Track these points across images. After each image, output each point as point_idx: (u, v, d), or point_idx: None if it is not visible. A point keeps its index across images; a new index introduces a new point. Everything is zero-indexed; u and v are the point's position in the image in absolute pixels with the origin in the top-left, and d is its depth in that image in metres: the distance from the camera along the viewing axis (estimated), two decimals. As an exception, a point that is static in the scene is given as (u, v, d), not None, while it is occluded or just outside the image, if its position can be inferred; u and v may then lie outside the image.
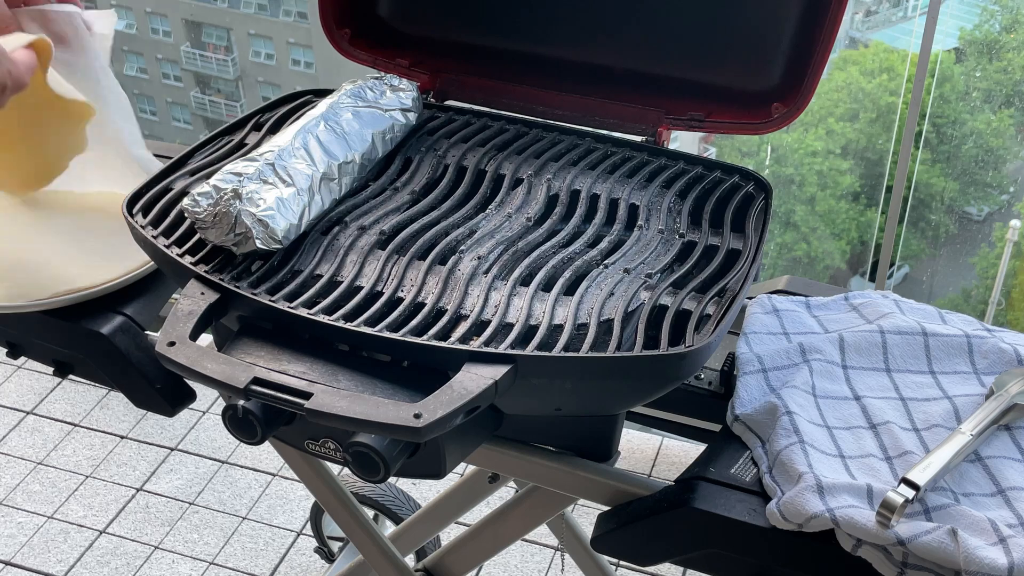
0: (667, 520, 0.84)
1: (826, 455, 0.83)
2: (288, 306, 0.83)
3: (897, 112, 5.02)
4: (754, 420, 0.87)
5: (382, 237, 0.93)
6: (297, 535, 1.97)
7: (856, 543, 0.76)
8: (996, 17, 5.37)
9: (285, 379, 0.77)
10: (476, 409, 0.75)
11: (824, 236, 5.52)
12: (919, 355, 0.93)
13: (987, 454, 0.83)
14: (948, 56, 5.04)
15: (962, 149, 5.11)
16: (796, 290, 1.06)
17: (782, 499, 0.79)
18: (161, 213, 0.94)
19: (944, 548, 0.72)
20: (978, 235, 5.33)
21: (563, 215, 0.97)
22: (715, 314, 0.83)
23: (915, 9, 5.76)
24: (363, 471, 0.79)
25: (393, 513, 1.64)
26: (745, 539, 0.81)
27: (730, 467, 0.85)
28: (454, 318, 0.84)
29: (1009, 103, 5.09)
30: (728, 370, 0.95)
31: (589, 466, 0.91)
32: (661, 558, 0.89)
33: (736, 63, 1.06)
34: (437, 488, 1.99)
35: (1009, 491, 0.79)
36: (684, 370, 0.80)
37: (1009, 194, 5.32)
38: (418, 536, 1.39)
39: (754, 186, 0.99)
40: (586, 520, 1.83)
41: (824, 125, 5.47)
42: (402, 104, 1.07)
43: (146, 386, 1.02)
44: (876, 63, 5.50)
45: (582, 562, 1.41)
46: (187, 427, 2.24)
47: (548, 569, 1.88)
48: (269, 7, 6.33)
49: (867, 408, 0.88)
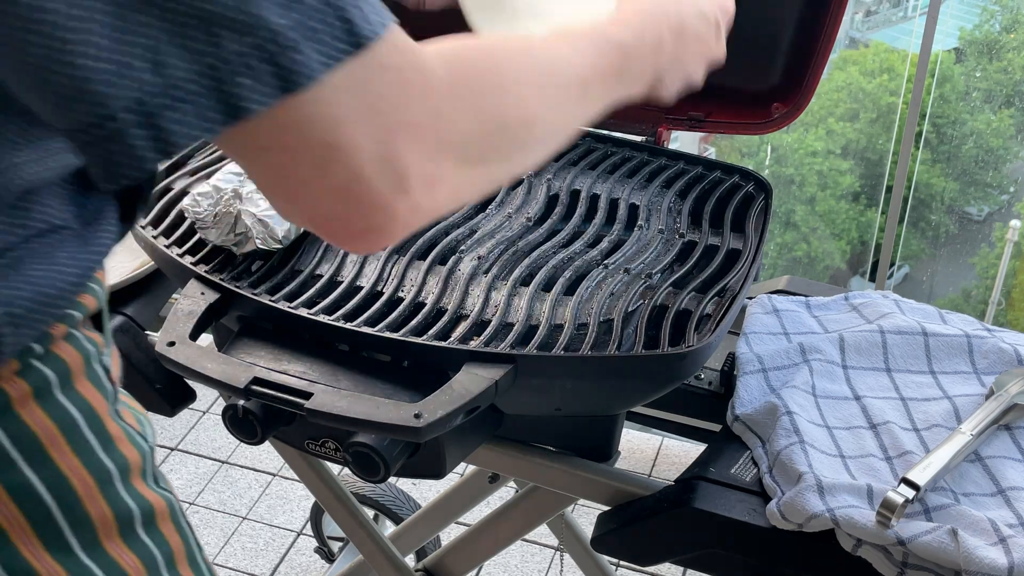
0: (667, 520, 0.84)
1: (826, 455, 0.83)
2: (288, 306, 0.83)
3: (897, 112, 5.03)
4: (754, 420, 0.87)
5: (382, 237, 0.93)
6: (297, 535, 1.97)
7: (856, 543, 0.76)
8: (996, 17, 5.37)
9: (285, 379, 0.77)
10: (476, 409, 0.75)
11: (824, 236, 5.52)
12: (919, 355, 0.93)
13: (987, 454, 0.83)
14: (948, 56, 5.04)
15: (962, 149, 5.11)
16: (796, 290, 1.06)
17: (782, 499, 0.79)
18: (161, 213, 0.94)
19: (944, 548, 0.72)
20: (978, 235, 5.33)
21: (563, 215, 0.97)
22: (715, 314, 0.83)
23: (915, 9, 5.76)
24: (363, 471, 0.79)
25: (393, 513, 1.64)
26: (745, 539, 0.81)
27: (730, 467, 0.85)
28: (454, 318, 0.84)
29: (1009, 103, 5.09)
30: (728, 370, 0.95)
31: (589, 466, 0.91)
32: (661, 558, 0.89)
33: (736, 63, 1.06)
34: (437, 488, 1.99)
35: (1009, 491, 0.79)
36: (684, 370, 0.80)
37: (1009, 194, 5.33)
38: (418, 536, 1.39)
39: (754, 186, 0.99)
40: (586, 520, 1.83)
41: (824, 125, 5.47)
42: (402, 104, 1.07)
43: (146, 386, 1.01)
44: (876, 63, 5.50)
45: (582, 562, 1.41)
46: (187, 427, 2.24)
47: (548, 569, 1.88)
48: (269, 7, 6.32)
49: (867, 408, 0.88)
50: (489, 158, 0.52)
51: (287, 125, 0.45)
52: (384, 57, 0.46)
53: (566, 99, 0.58)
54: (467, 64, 0.51)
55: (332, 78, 0.44)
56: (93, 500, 0.57)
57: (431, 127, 0.48)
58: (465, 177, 0.51)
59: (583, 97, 0.59)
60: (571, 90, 0.58)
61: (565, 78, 0.57)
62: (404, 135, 0.47)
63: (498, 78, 0.52)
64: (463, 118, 0.50)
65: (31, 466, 0.54)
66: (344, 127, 0.45)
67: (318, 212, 0.48)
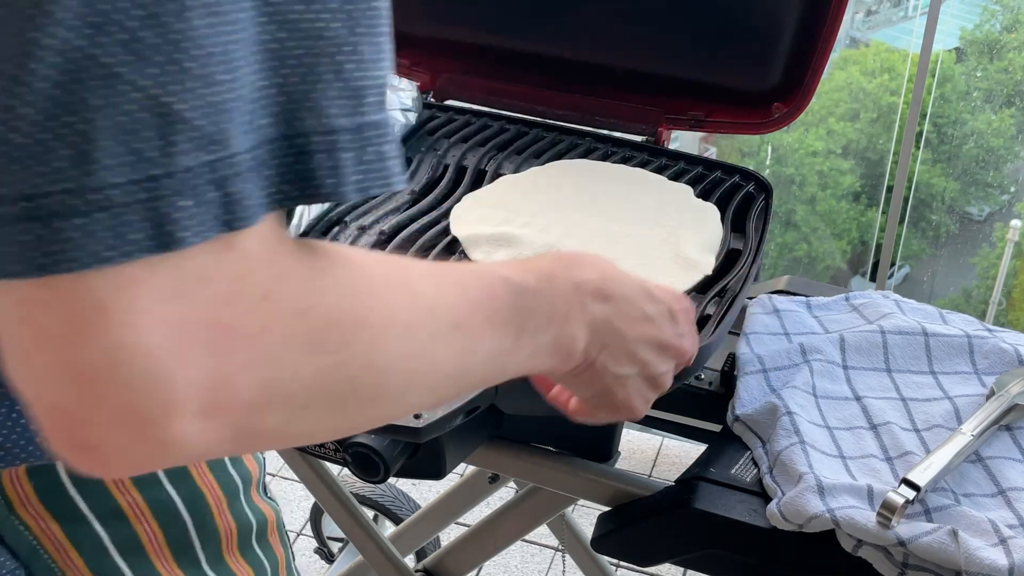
0: (667, 521, 0.84)
1: (827, 455, 0.82)
2: (288, 306, 0.83)
3: (898, 112, 5.03)
4: (754, 420, 0.87)
5: (382, 237, 0.93)
6: (297, 535, 1.97)
7: (857, 544, 0.75)
8: (997, 17, 5.37)
9: (285, 379, 0.77)
10: (476, 409, 0.75)
11: (825, 236, 5.52)
12: (920, 355, 0.93)
13: (988, 454, 0.82)
14: (949, 56, 5.04)
15: (963, 149, 5.12)
16: (797, 290, 1.06)
17: (783, 500, 0.79)
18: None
19: (945, 549, 0.72)
20: (979, 235, 5.33)
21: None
22: (715, 314, 0.83)
23: (915, 9, 5.76)
24: (363, 471, 0.78)
25: (393, 513, 1.64)
26: (745, 540, 0.81)
27: (730, 467, 0.85)
28: (454, 318, 0.84)
29: (1010, 103, 5.09)
30: (729, 370, 0.95)
31: (589, 466, 0.91)
32: (661, 559, 0.88)
33: (736, 63, 1.06)
34: (437, 488, 1.99)
35: (1010, 491, 0.79)
36: (685, 370, 0.80)
37: (1010, 194, 5.33)
38: (418, 536, 1.39)
39: (754, 186, 0.99)
40: (586, 520, 1.83)
41: (825, 125, 5.47)
42: (402, 104, 1.07)
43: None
44: (877, 63, 5.51)
45: (582, 562, 1.41)
46: (187, 427, 2.24)
47: (548, 569, 1.88)
48: (269, 7, 6.33)
49: (868, 408, 0.88)
50: (316, 405, 0.40)
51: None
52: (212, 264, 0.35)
53: (443, 349, 0.45)
54: (327, 289, 0.39)
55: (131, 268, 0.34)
56: (222, 514, 0.58)
57: (246, 350, 0.36)
58: (268, 422, 0.38)
59: (466, 351, 0.46)
60: (450, 340, 0.45)
61: (443, 324, 0.45)
62: (209, 348, 0.35)
63: (361, 312, 0.40)
64: (296, 352, 0.38)
65: (172, 483, 0.55)
66: (142, 322, 0.34)
67: (56, 395, 0.35)
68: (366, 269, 0.42)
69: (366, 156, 0.38)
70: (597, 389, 0.58)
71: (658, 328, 0.59)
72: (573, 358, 0.54)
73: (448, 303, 0.45)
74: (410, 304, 0.43)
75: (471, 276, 0.48)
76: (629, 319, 0.57)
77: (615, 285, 0.56)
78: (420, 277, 0.45)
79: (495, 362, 0.48)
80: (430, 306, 0.44)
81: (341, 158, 0.37)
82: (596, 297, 0.54)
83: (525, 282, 0.50)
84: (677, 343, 0.61)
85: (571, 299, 0.53)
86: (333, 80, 0.37)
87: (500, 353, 0.48)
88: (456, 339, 0.45)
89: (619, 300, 0.56)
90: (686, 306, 0.63)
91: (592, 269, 0.55)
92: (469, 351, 0.46)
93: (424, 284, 0.45)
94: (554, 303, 0.52)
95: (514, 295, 0.49)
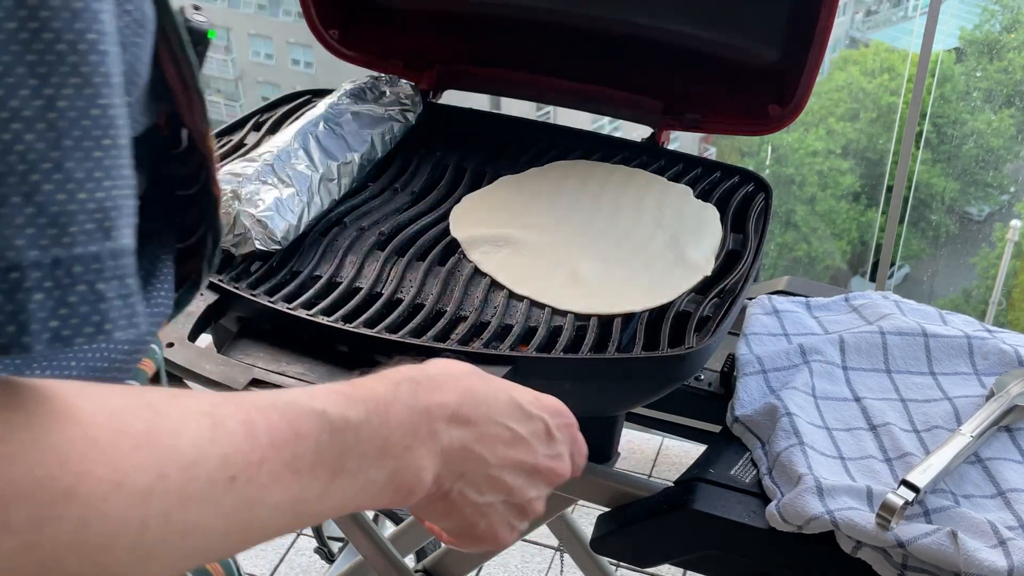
0: (667, 522, 0.84)
1: (826, 457, 0.82)
2: (287, 307, 0.83)
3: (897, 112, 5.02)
4: (754, 421, 0.87)
5: (381, 238, 0.93)
6: (297, 535, 1.97)
7: (856, 545, 0.75)
8: (997, 17, 5.37)
9: (284, 380, 0.77)
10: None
11: (824, 236, 5.52)
12: (919, 356, 0.93)
13: (987, 456, 0.82)
14: (949, 56, 5.03)
15: (963, 149, 5.11)
16: (796, 291, 1.06)
17: (782, 501, 0.79)
18: (160, 214, 0.94)
19: (944, 550, 0.72)
20: (978, 235, 5.33)
21: (563, 216, 0.97)
22: (715, 315, 0.83)
23: (915, 9, 5.76)
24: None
25: (393, 513, 1.64)
26: (745, 541, 0.81)
27: (730, 468, 0.85)
28: (453, 319, 0.84)
29: (1010, 103, 5.09)
30: (728, 371, 0.95)
31: (589, 467, 0.90)
32: (661, 559, 0.88)
33: (735, 64, 1.06)
34: (437, 488, 1.99)
35: (1009, 493, 0.79)
36: (684, 371, 0.80)
37: (1010, 194, 5.32)
38: (418, 536, 1.39)
39: (754, 186, 0.99)
40: (586, 521, 1.83)
41: (824, 125, 5.46)
42: (401, 104, 1.07)
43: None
44: (876, 63, 5.50)
45: (582, 563, 1.41)
46: (187, 427, 2.24)
47: (548, 569, 1.88)
48: (269, 7, 6.33)
49: (867, 409, 0.88)
50: None
51: None
52: None
53: (208, 508, 0.38)
54: (14, 456, 0.32)
55: None
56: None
57: None
58: None
59: (247, 503, 0.39)
60: (221, 496, 0.38)
61: (209, 479, 0.38)
62: None
63: (67, 482, 0.33)
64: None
65: None
66: None
67: None
68: (90, 427, 0.35)
69: (69, 297, 0.32)
70: (455, 520, 0.52)
71: (528, 450, 0.53)
72: (419, 491, 0.47)
73: (221, 452, 0.38)
74: (154, 462, 0.36)
75: (272, 414, 0.41)
76: (493, 442, 0.51)
77: (476, 407, 0.50)
78: (185, 424, 0.38)
79: (296, 509, 0.42)
80: (191, 460, 0.37)
81: (25, 300, 0.31)
82: (452, 422, 0.48)
83: (345, 416, 0.44)
84: (549, 465, 0.55)
85: (416, 427, 0.47)
86: (22, 204, 0.31)
87: (303, 500, 0.42)
88: (229, 494, 0.38)
89: (481, 422, 0.50)
90: (567, 421, 0.57)
91: (450, 390, 0.49)
92: (251, 503, 0.39)
93: (191, 432, 0.38)
94: (388, 435, 0.45)
95: (328, 433, 0.43)
